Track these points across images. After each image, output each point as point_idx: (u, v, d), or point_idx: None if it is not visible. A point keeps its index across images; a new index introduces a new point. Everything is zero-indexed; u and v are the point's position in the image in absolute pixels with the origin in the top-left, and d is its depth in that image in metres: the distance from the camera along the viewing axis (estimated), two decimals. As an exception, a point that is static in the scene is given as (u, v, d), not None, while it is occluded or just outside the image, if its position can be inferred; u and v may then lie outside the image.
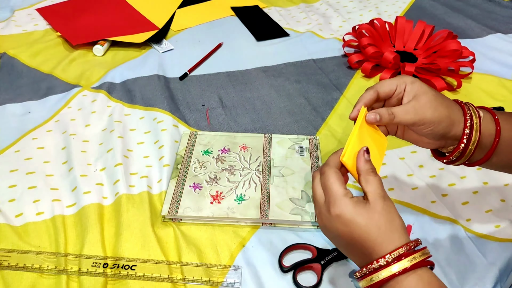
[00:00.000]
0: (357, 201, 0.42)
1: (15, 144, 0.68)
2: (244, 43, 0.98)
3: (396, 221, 0.41)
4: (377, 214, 0.41)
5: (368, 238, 0.40)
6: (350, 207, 0.41)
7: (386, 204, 0.42)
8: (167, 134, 0.70)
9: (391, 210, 0.42)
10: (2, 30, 0.98)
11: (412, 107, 0.45)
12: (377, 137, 0.48)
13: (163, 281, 0.50)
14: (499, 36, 1.01)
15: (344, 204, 0.42)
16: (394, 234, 0.40)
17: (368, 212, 0.41)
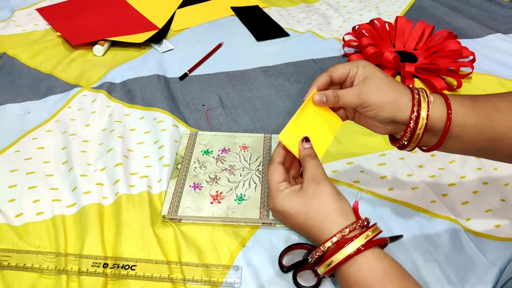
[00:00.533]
0: (289, 192, 0.44)
1: (15, 144, 0.68)
2: (244, 43, 0.98)
3: (332, 203, 0.42)
4: (307, 200, 0.42)
5: (306, 224, 0.42)
6: (280, 199, 0.44)
7: (318, 187, 0.43)
8: (167, 134, 0.70)
9: (324, 193, 0.43)
10: (2, 30, 0.98)
11: (358, 89, 0.46)
12: (328, 118, 0.49)
13: (163, 281, 0.50)
14: (499, 36, 1.01)
15: (274, 197, 0.44)
16: (332, 216, 0.41)
17: (298, 199, 0.43)
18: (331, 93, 0.47)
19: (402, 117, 0.45)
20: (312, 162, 0.45)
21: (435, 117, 0.45)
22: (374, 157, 0.68)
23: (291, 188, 0.44)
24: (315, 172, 0.44)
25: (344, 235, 0.40)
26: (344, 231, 0.40)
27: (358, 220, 0.41)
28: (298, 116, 0.47)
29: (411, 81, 0.84)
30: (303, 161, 0.46)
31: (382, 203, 0.61)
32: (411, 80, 0.84)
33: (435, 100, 0.45)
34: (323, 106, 0.48)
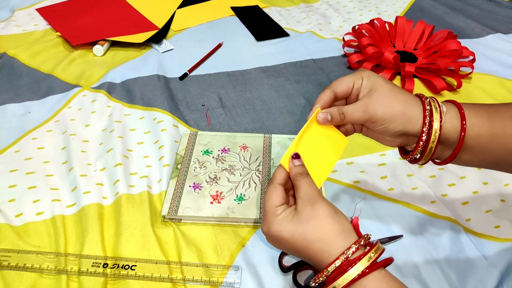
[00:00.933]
0: (284, 216, 0.41)
1: (15, 144, 0.68)
2: (244, 43, 0.98)
3: (330, 225, 0.40)
4: (304, 224, 0.40)
5: (305, 250, 0.40)
6: (276, 225, 0.41)
7: (313, 209, 0.40)
8: (167, 134, 0.70)
9: (321, 214, 0.40)
10: (2, 30, 0.98)
11: (364, 104, 0.44)
12: (333, 137, 0.47)
13: (163, 281, 0.50)
14: (499, 36, 1.01)
15: (270, 222, 0.42)
16: (332, 239, 0.39)
17: (294, 224, 0.40)
18: (336, 111, 0.44)
19: (413, 129, 0.42)
20: (303, 181, 0.42)
21: (449, 129, 0.42)
22: (374, 157, 0.68)
23: (286, 212, 0.42)
24: (309, 192, 0.42)
25: (347, 257, 0.38)
26: (346, 253, 0.38)
27: (360, 239, 0.39)
28: (301, 137, 0.45)
29: (411, 81, 0.84)
30: (295, 180, 0.43)
31: (382, 203, 0.61)
32: (411, 80, 0.84)
33: (447, 110, 0.42)
34: (328, 125, 0.45)
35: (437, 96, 0.83)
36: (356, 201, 0.60)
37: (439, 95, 0.83)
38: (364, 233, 0.40)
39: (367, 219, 0.58)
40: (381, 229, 0.57)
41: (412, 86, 0.83)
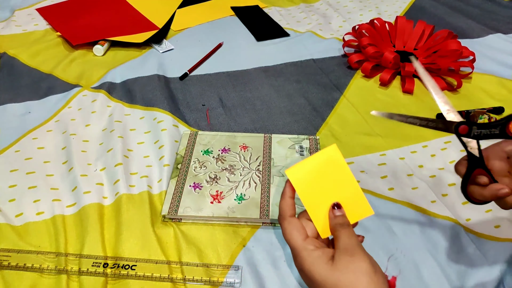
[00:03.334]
0: (318, 257, 0.39)
1: (15, 144, 0.68)
2: (244, 43, 0.98)
3: (366, 283, 0.36)
4: (338, 273, 0.37)
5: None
6: (310, 261, 0.39)
7: (352, 261, 0.37)
8: (167, 134, 0.70)
9: (359, 269, 0.37)
10: (2, 30, 0.98)
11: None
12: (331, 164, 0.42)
13: (163, 281, 0.50)
14: (499, 36, 1.01)
15: (302, 258, 0.39)
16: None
17: (328, 269, 0.38)
18: None
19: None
20: (344, 231, 0.40)
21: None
22: (374, 157, 0.68)
23: (323, 251, 0.39)
24: (348, 243, 0.39)
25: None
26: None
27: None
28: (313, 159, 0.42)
29: (411, 81, 0.84)
30: (334, 231, 0.40)
31: (382, 203, 0.61)
32: (411, 80, 0.84)
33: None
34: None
35: (437, 96, 0.83)
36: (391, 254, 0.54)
37: (439, 95, 0.83)
38: None
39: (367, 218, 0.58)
40: (381, 229, 0.57)
41: (412, 86, 0.83)
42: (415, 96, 0.83)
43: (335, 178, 0.42)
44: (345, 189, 0.42)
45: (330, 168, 0.42)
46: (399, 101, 0.82)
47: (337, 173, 0.42)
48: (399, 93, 0.84)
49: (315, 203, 0.42)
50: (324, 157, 0.42)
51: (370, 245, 0.54)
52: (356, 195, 0.42)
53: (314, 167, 0.42)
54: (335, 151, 0.42)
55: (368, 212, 0.42)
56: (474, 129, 0.40)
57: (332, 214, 0.41)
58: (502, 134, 0.39)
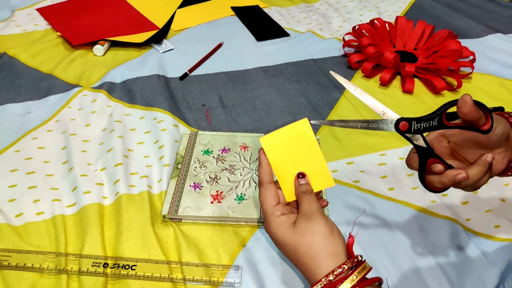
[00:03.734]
0: (282, 221, 0.43)
1: (15, 144, 0.68)
2: (244, 43, 0.98)
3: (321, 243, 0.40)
4: (297, 235, 0.41)
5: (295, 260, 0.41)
6: (274, 227, 0.43)
7: (309, 224, 0.41)
8: (167, 134, 0.70)
9: (315, 231, 0.41)
10: (2, 30, 0.98)
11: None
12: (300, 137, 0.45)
13: (163, 281, 0.50)
14: (499, 36, 1.01)
15: (269, 223, 0.43)
16: (320, 259, 0.39)
17: (290, 233, 0.42)
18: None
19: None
20: (306, 197, 0.43)
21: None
22: (374, 157, 0.68)
23: (287, 216, 0.43)
24: (308, 208, 0.42)
25: (329, 280, 0.38)
26: (329, 276, 0.38)
27: (348, 261, 0.39)
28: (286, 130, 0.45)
29: (411, 81, 0.84)
30: (298, 197, 0.44)
31: (382, 203, 0.61)
32: (411, 80, 0.84)
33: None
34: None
35: (437, 96, 0.83)
36: (357, 215, 0.58)
37: (439, 95, 0.83)
38: (357, 254, 0.40)
39: (367, 218, 0.58)
40: (381, 229, 0.57)
41: (412, 86, 0.83)
42: (415, 96, 0.83)
43: (304, 150, 0.45)
44: (311, 161, 0.45)
45: (300, 141, 0.45)
46: (399, 101, 0.82)
47: (305, 146, 0.45)
48: (399, 93, 0.84)
49: (284, 171, 0.45)
50: (296, 130, 0.45)
51: (370, 244, 0.55)
52: (321, 167, 0.45)
53: (286, 138, 0.45)
54: (306, 124, 0.45)
55: (329, 183, 0.46)
56: (413, 124, 0.41)
57: (297, 182, 0.45)
58: (440, 125, 0.41)
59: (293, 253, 0.42)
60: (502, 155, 0.43)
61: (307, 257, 0.40)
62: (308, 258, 0.40)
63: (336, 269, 0.38)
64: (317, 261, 0.40)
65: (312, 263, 0.40)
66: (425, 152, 0.42)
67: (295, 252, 0.41)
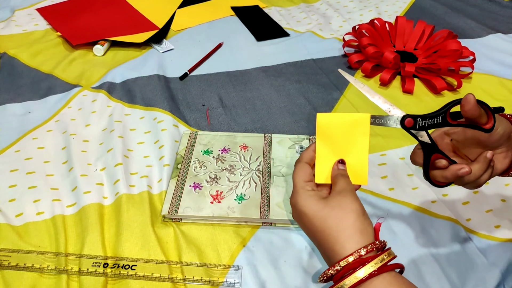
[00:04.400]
0: (313, 194, 0.42)
1: (15, 144, 0.68)
2: (244, 43, 0.98)
3: (354, 220, 0.39)
4: (329, 208, 0.40)
5: (322, 233, 0.40)
6: (303, 199, 0.42)
7: (343, 200, 0.40)
8: (167, 134, 0.70)
9: (349, 208, 0.40)
10: (2, 30, 0.98)
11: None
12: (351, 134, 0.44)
13: (163, 281, 0.50)
14: (499, 36, 1.01)
15: (298, 194, 0.42)
16: (351, 232, 0.39)
17: (320, 204, 0.41)
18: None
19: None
20: (343, 179, 0.43)
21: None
22: (374, 157, 0.68)
23: (317, 192, 0.42)
24: (344, 187, 0.42)
25: (360, 255, 0.37)
26: (361, 251, 0.37)
27: (376, 242, 0.38)
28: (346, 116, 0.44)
29: (411, 81, 0.84)
30: (335, 178, 0.43)
31: (382, 203, 0.60)
32: (411, 80, 0.84)
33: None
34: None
35: (437, 96, 0.83)
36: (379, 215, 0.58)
37: (440, 95, 0.83)
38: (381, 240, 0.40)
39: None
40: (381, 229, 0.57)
41: (412, 86, 0.83)
42: (415, 96, 0.83)
43: (353, 142, 0.44)
44: (355, 155, 0.44)
45: (354, 132, 0.44)
46: (399, 101, 0.81)
47: (357, 139, 0.44)
48: (399, 93, 0.84)
49: (325, 153, 0.44)
50: (355, 121, 0.43)
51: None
52: (362, 164, 0.44)
53: (342, 124, 0.44)
54: (367, 120, 0.43)
55: (363, 181, 0.45)
56: (418, 121, 0.42)
57: (336, 166, 0.44)
58: (444, 122, 0.42)
59: (320, 226, 0.40)
60: (503, 154, 0.44)
61: (336, 230, 0.39)
62: (338, 231, 0.39)
63: (368, 246, 0.38)
64: (346, 235, 0.39)
65: (341, 236, 0.39)
66: (430, 148, 0.43)
67: (323, 223, 0.40)
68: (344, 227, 0.39)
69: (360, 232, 0.39)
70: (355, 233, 0.39)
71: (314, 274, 0.52)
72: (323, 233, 0.40)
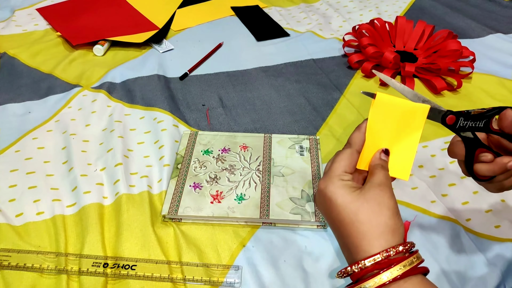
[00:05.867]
0: (347, 184, 0.38)
1: (15, 144, 0.68)
2: (244, 43, 0.98)
3: (388, 218, 0.36)
4: (363, 200, 0.37)
5: (349, 226, 0.37)
6: (335, 186, 0.38)
7: (381, 195, 0.37)
8: (167, 134, 0.70)
9: (385, 204, 0.37)
10: (2, 30, 0.98)
11: None
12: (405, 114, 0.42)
13: (163, 281, 0.50)
14: (499, 36, 1.01)
15: (331, 181, 0.39)
16: (383, 230, 0.36)
17: (354, 195, 0.37)
18: None
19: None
20: (383, 171, 0.40)
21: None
22: (374, 157, 0.68)
23: (352, 183, 0.39)
24: (383, 181, 0.38)
25: (389, 255, 0.35)
26: (390, 251, 0.35)
27: (406, 244, 0.36)
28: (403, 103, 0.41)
29: (412, 81, 0.84)
30: (374, 168, 0.40)
31: (382, 203, 0.60)
32: (411, 80, 0.84)
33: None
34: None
35: (437, 96, 0.83)
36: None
37: (440, 95, 0.83)
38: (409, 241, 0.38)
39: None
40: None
41: (412, 86, 0.83)
42: (415, 96, 0.82)
43: (404, 133, 0.42)
44: (403, 146, 0.42)
45: (408, 121, 0.41)
46: (399, 101, 0.81)
47: (409, 130, 0.42)
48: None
49: (373, 137, 0.41)
50: (412, 110, 0.41)
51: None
52: (408, 157, 0.42)
53: (399, 110, 0.41)
54: (425, 111, 0.41)
55: (404, 176, 0.42)
56: (460, 120, 0.41)
57: (379, 155, 0.41)
58: (486, 128, 0.41)
59: (349, 217, 0.37)
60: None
61: (368, 224, 0.36)
62: (369, 226, 0.36)
63: (398, 246, 0.35)
64: (377, 233, 0.36)
65: (372, 232, 0.36)
66: (473, 143, 0.42)
67: (354, 216, 0.36)
68: (377, 224, 0.36)
69: (392, 232, 0.36)
70: (387, 232, 0.36)
71: (314, 274, 0.52)
72: (350, 226, 0.37)
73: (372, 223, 0.36)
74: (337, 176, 0.39)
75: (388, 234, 0.36)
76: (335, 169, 0.39)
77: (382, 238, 0.36)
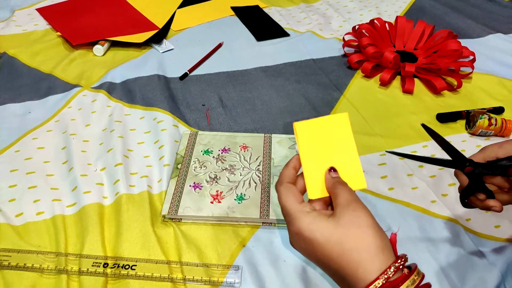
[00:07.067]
0: (317, 215, 0.37)
1: (15, 144, 0.68)
2: (244, 43, 0.98)
3: (373, 237, 0.35)
4: (342, 228, 0.35)
5: (339, 259, 0.35)
6: (307, 223, 0.36)
7: (356, 215, 0.36)
8: (167, 134, 0.70)
9: (364, 223, 0.35)
10: (2, 30, 0.98)
11: None
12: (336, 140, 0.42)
13: (163, 281, 0.50)
14: (499, 36, 1.01)
15: (299, 221, 0.37)
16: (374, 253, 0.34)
17: (331, 226, 0.36)
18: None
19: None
20: (344, 187, 0.38)
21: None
22: (374, 157, 0.68)
23: (320, 212, 0.37)
24: (350, 198, 0.37)
25: (388, 277, 0.33)
26: (388, 272, 0.34)
27: (399, 259, 0.35)
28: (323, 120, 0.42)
29: (411, 81, 0.84)
30: (333, 189, 0.39)
31: (382, 203, 0.61)
32: (411, 80, 0.84)
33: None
34: None
35: (437, 96, 0.83)
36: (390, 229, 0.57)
37: (440, 95, 0.83)
38: (400, 253, 0.37)
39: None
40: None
41: (412, 86, 0.83)
42: (415, 96, 0.82)
43: (338, 145, 0.42)
44: (344, 158, 0.42)
45: (336, 134, 0.42)
46: (399, 101, 0.81)
47: (341, 140, 0.42)
48: (399, 93, 0.84)
49: (313, 163, 0.41)
50: (334, 122, 0.42)
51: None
52: (354, 166, 0.42)
53: (322, 128, 0.42)
54: (345, 119, 0.42)
55: (361, 185, 0.41)
56: (478, 170, 0.46)
57: (329, 175, 0.40)
58: (502, 174, 0.46)
59: (337, 251, 0.35)
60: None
61: (356, 251, 0.35)
62: (357, 252, 0.35)
63: (392, 265, 0.34)
64: (368, 257, 0.34)
65: (363, 258, 0.34)
66: (478, 185, 0.47)
67: (340, 248, 0.35)
68: (365, 247, 0.35)
69: (381, 250, 0.35)
70: (377, 252, 0.35)
71: (314, 274, 0.52)
72: (340, 259, 0.35)
73: (360, 248, 0.35)
74: (299, 212, 0.38)
75: (379, 254, 0.35)
76: (290, 209, 0.38)
77: (376, 260, 0.34)
